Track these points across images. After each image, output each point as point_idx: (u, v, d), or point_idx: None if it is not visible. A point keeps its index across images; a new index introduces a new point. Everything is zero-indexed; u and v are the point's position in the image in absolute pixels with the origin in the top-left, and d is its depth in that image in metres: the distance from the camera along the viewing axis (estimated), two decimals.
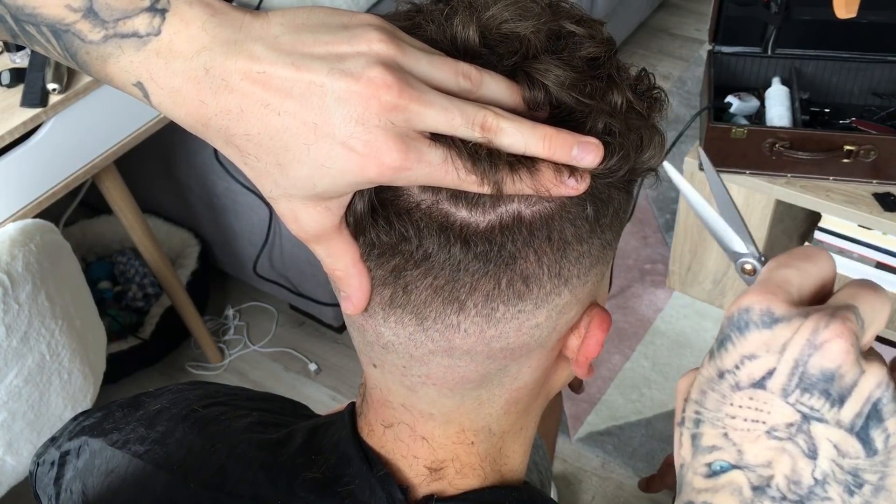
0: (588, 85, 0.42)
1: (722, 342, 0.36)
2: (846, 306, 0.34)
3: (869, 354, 0.35)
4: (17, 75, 1.29)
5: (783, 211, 1.75)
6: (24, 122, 1.24)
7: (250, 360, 1.93)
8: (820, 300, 0.37)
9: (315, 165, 0.38)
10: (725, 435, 0.36)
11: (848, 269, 1.82)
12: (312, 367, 1.90)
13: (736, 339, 0.36)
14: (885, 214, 1.56)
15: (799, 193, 1.60)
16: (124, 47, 0.39)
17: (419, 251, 0.42)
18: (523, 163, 0.40)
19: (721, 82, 1.73)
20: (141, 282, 1.92)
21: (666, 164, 0.42)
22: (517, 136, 0.39)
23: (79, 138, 1.34)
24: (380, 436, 0.51)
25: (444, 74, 0.39)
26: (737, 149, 1.59)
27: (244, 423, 0.57)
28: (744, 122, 1.69)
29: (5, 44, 1.33)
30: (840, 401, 0.33)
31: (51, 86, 1.26)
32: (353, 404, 0.55)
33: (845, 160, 1.56)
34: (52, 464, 0.60)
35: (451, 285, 0.42)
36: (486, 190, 0.40)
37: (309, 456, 0.52)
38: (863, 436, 0.33)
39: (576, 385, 0.55)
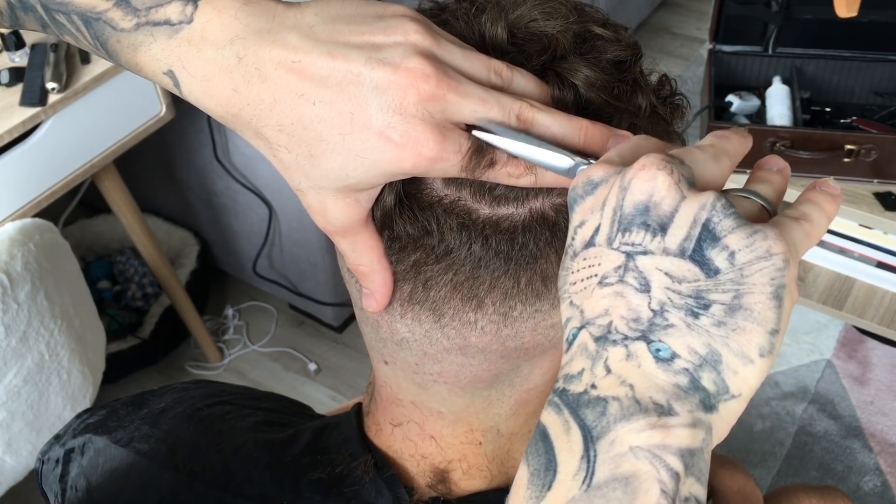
0: (615, 87, 0.42)
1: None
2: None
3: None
4: (16, 74, 1.29)
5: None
6: (23, 122, 1.24)
7: (250, 360, 1.93)
8: None
9: (349, 156, 0.38)
10: (571, 303, 0.35)
11: (849, 268, 1.82)
12: (312, 366, 1.89)
13: (570, 216, 0.36)
14: (885, 214, 1.56)
15: (800, 193, 1.60)
16: (156, 35, 0.39)
17: (441, 246, 0.42)
18: None
19: (722, 81, 1.73)
20: (140, 281, 1.91)
21: (479, 134, 0.39)
22: (553, 128, 0.39)
23: (78, 137, 1.34)
24: (388, 435, 0.51)
25: (477, 68, 0.39)
26: None
27: (249, 423, 0.57)
28: (744, 121, 1.69)
29: (4, 42, 1.33)
30: (662, 228, 0.33)
31: (50, 85, 1.26)
32: (359, 405, 0.55)
33: (846, 159, 1.56)
34: (57, 461, 0.60)
35: (471, 282, 0.42)
36: (521, 183, 0.40)
37: (315, 456, 0.52)
38: (697, 258, 0.32)
39: None
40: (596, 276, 0.34)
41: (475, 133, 0.39)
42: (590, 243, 0.35)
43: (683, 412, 0.31)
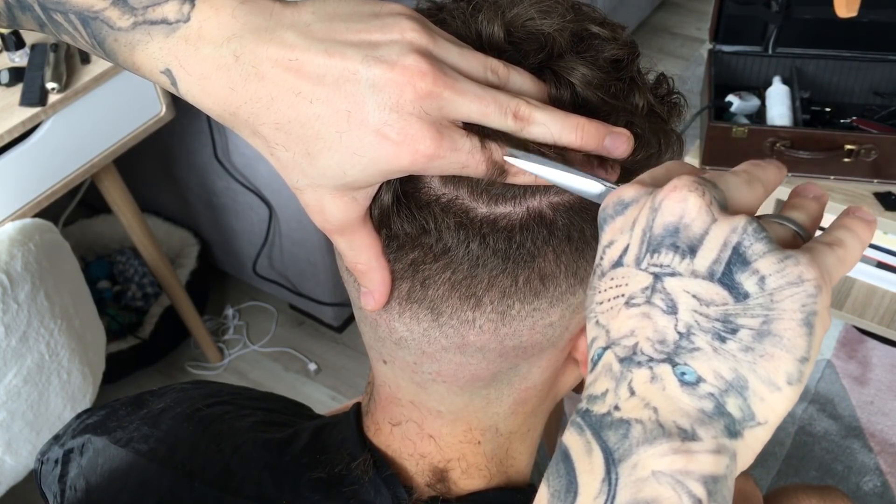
0: (612, 86, 0.42)
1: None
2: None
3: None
4: (16, 74, 1.29)
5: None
6: (23, 122, 1.24)
7: (250, 360, 1.93)
8: None
9: (347, 154, 0.38)
10: (597, 322, 0.35)
11: None
12: (312, 366, 1.89)
13: (599, 236, 0.36)
14: (885, 214, 1.55)
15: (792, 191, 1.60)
16: (153, 34, 0.39)
17: (438, 244, 0.42)
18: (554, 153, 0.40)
19: (722, 81, 1.73)
20: (140, 281, 1.91)
21: (511, 160, 0.39)
22: (550, 125, 0.39)
23: (78, 137, 1.34)
24: (387, 434, 0.51)
25: (474, 66, 0.39)
26: (737, 148, 1.59)
27: (248, 423, 0.57)
28: (744, 121, 1.69)
29: (4, 42, 1.33)
30: (691, 251, 0.32)
31: (50, 85, 1.26)
32: (358, 404, 0.55)
33: (846, 159, 1.56)
34: (56, 461, 0.60)
35: (469, 281, 0.42)
36: (518, 180, 0.40)
37: (314, 456, 0.52)
38: (726, 281, 0.32)
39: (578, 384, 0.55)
40: (623, 296, 0.34)
41: (507, 158, 0.39)
42: (618, 263, 0.35)
43: (707, 438, 0.31)
